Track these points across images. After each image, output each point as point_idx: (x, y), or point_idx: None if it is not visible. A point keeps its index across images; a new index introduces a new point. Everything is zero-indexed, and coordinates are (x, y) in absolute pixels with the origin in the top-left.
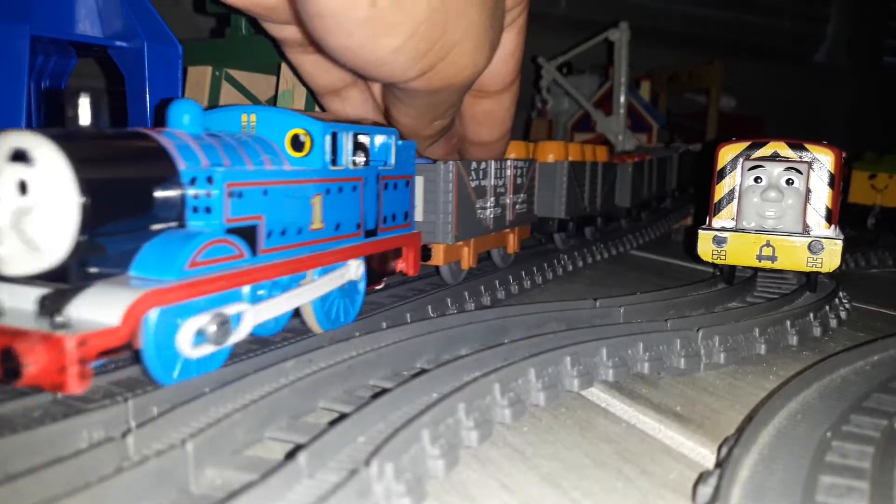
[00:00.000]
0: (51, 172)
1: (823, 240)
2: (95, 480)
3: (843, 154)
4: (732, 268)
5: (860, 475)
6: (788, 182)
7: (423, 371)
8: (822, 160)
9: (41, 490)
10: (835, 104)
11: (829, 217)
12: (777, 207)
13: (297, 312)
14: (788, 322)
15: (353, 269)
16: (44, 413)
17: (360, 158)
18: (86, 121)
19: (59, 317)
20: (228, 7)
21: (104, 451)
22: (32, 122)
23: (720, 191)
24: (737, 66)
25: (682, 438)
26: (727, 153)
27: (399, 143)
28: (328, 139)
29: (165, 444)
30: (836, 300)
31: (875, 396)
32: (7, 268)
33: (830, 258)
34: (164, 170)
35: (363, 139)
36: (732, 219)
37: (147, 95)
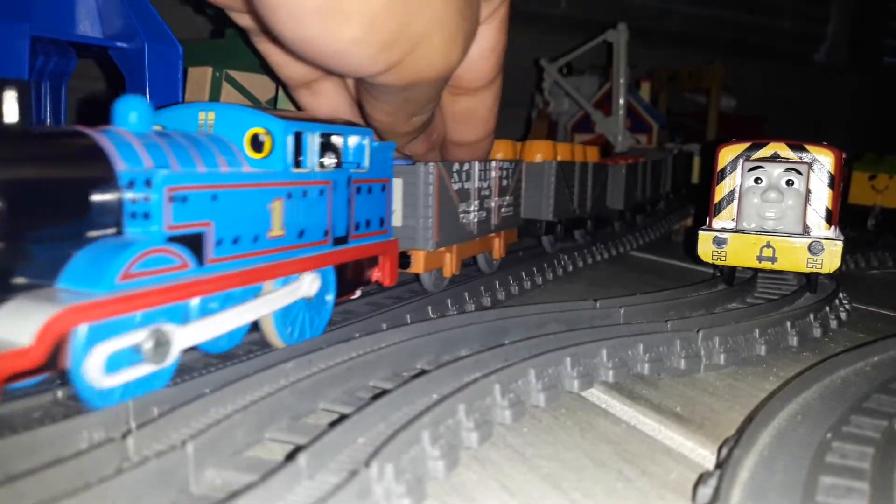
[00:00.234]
0: None
1: (823, 241)
2: (96, 481)
3: (843, 155)
4: (732, 269)
5: (860, 476)
6: (788, 183)
7: (424, 372)
8: (822, 161)
9: (41, 490)
10: (835, 104)
11: (830, 218)
12: (777, 208)
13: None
14: (788, 323)
15: (307, 285)
16: (44, 414)
17: (331, 160)
18: (11, 117)
19: None
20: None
21: (104, 452)
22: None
23: (720, 192)
24: (737, 67)
25: (683, 439)
26: (727, 154)
27: (374, 145)
28: (290, 139)
29: (166, 445)
30: (837, 301)
31: (875, 397)
32: None
33: (830, 259)
34: (100, 171)
35: (333, 140)
36: (732, 220)
37: (147, 96)
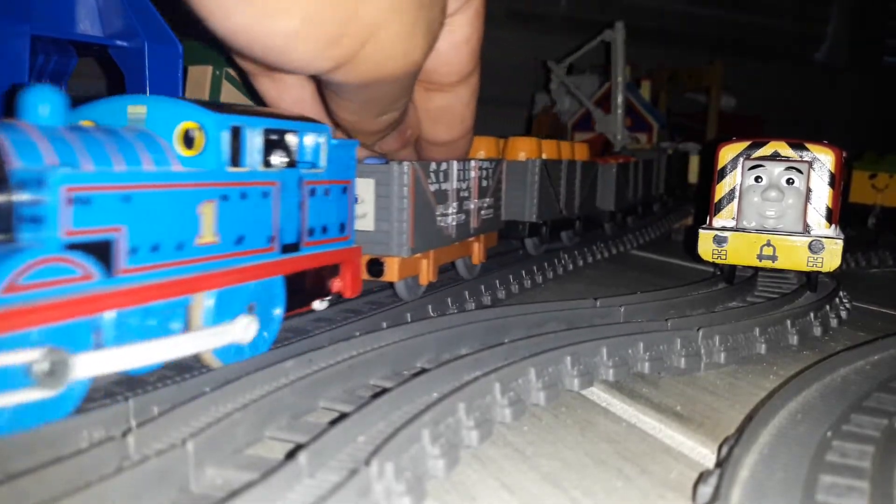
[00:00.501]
0: None
1: (824, 239)
2: (96, 480)
3: (844, 153)
4: (733, 267)
5: (860, 474)
6: (789, 181)
7: (424, 370)
8: (823, 160)
9: (42, 489)
10: (835, 103)
11: (830, 217)
12: (777, 207)
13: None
14: (789, 322)
15: (241, 329)
16: None
17: (281, 159)
18: None
19: None
20: None
21: (105, 451)
22: None
23: (720, 190)
24: (737, 66)
25: (683, 438)
26: (727, 153)
27: (333, 143)
28: (226, 135)
29: (166, 444)
30: (837, 300)
31: (875, 396)
32: None
33: (831, 258)
34: None
35: (282, 136)
36: (733, 218)
37: (147, 95)
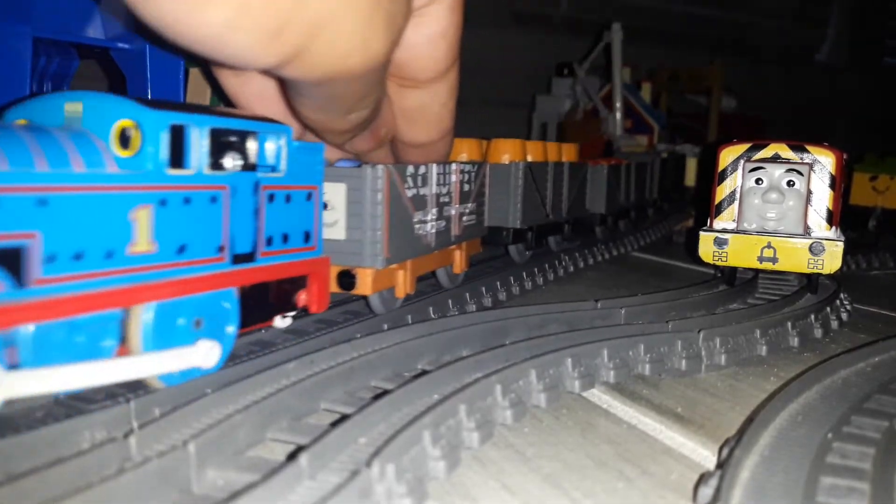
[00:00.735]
0: None
1: (824, 241)
2: (97, 481)
3: (844, 155)
4: (733, 269)
5: (861, 476)
6: (789, 184)
7: (425, 372)
8: (823, 162)
9: (43, 490)
10: (836, 105)
11: (830, 218)
12: (778, 209)
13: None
14: (789, 323)
15: (202, 355)
16: (46, 414)
17: (234, 161)
18: None
19: None
20: None
21: (106, 452)
22: None
23: (721, 192)
24: (738, 67)
25: (683, 439)
26: (728, 155)
27: (295, 145)
28: (165, 135)
29: (167, 445)
30: (837, 302)
31: (876, 398)
32: None
33: (831, 260)
34: None
35: (235, 138)
36: (733, 220)
37: (149, 97)
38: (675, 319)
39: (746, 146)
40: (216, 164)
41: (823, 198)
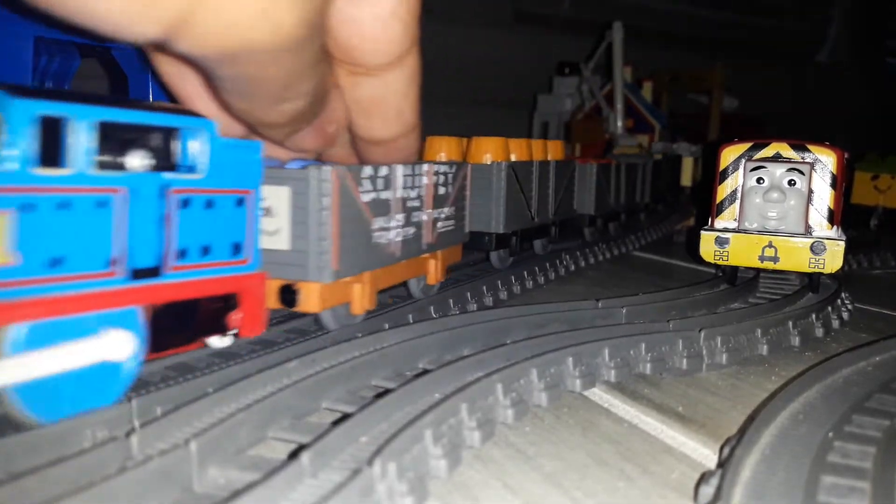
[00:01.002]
0: None
1: (826, 241)
2: (99, 479)
3: (846, 155)
4: (735, 268)
5: (862, 475)
6: (791, 183)
7: (426, 371)
8: (825, 161)
9: (45, 489)
10: (837, 105)
11: (832, 218)
12: (779, 208)
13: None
14: (791, 323)
15: (109, 346)
16: None
17: (132, 160)
18: None
19: None
20: None
21: (108, 451)
22: None
23: (722, 192)
24: (739, 67)
25: (684, 438)
26: (729, 154)
27: (221, 142)
28: (33, 127)
29: (169, 444)
30: (839, 301)
31: (877, 397)
32: None
33: (833, 259)
34: None
35: (134, 132)
36: (735, 219)
37: (150, 97)
38: (677, 318)
39: (748, 145)
40: (107, 164)
41: (825, 197)
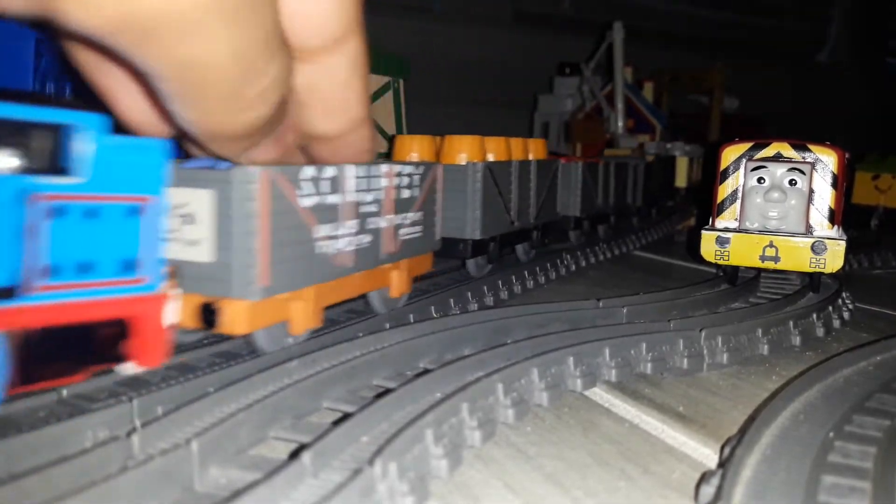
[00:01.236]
0: None
1: (826, 240)
2: (100, 479)
3: (846, 154)
4: (735, 268)
5: (862, 475)
6: (791, 183)
7: (427, 371)
8: (825, 161)
9: (46, 489)
10: (838, 105)
11: (832, 217)
12: (780, 208)
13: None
14: (791, 322)
15: None
16: (49, 413)
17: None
18: None
19: None
20: None
21: (109, 451)
22: None
23: (723, 191)
24: (740, 67)
25: (685, 438)
26: (730, 154)
27: (109, 141)
28: None
29: (170, 444)
30: (839, 301)
31: (877, 397)
32: None
33: (833, 259)
34: None
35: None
36: (735, 219)
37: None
38: (677, 318)
39: (748, 145)
40: None
41: (825, 197)
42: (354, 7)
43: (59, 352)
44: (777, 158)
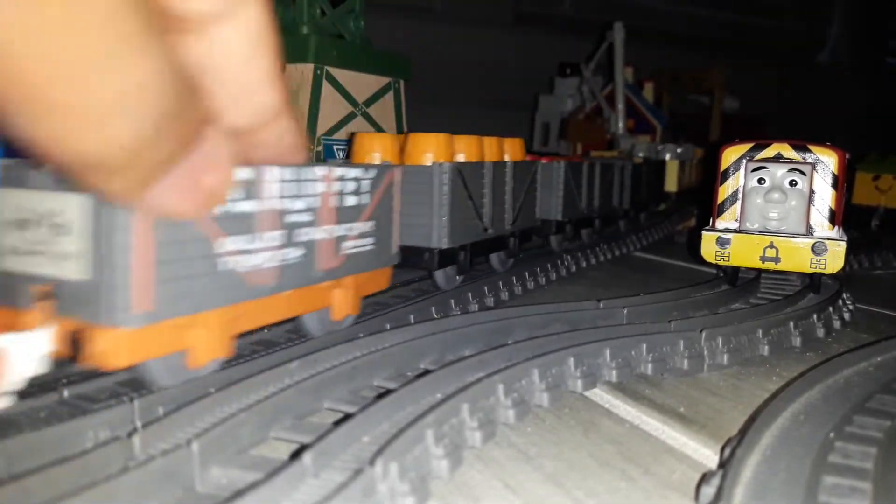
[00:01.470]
0: None
1: (827, 241)
2: (102, 479)
3: (847, 155)
4: (736, 269)
5: (863, 476)
6: (792, 183)
7: (428, 372)
8: (826, 161)
9: (48, 489)
10: (838, 105)
11: (833, 218)
12: (780, 208)
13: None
14: (792, 323)
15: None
16: (50, 414)
17: None
18: None
19: None
20: None
21: (110, 451)
22: None
23: (723, 192)
24: (740, 68)
25: (686, 439)
26: (730, 154)
27: None
28: None
29: (171, 444)
30: (840, 301)
31: (878, 397)
32: None
33: (834, 259)
34: None
35: None
36: (736, 220)
37: None
38: (678, 319)
39: (749, 146)
40: None
41: (826, 197)
42: None
43: None
44: (777, 159)
